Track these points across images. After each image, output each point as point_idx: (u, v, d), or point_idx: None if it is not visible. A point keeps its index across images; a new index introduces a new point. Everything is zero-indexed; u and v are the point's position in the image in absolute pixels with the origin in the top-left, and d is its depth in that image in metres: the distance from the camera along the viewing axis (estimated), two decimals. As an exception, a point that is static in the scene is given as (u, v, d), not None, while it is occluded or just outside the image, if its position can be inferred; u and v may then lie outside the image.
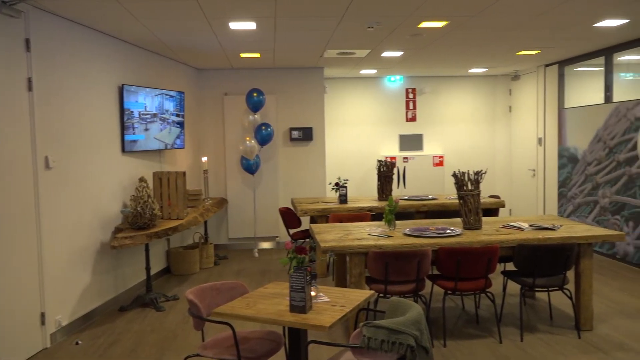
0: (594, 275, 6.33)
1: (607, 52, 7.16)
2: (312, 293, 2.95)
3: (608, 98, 7.25)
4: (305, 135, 8.37)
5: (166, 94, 6.60)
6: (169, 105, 6.67)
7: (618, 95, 7.15)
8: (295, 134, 8.36)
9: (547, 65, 8.67)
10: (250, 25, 5.25)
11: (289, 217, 6.72)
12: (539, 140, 8.96)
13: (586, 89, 8.34)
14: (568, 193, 8.00)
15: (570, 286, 5.48)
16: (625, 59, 7.59)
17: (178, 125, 6.93)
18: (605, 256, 7.16)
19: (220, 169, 8.37)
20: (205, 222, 7.64)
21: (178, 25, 5.18)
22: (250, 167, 7.92)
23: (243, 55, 7.04)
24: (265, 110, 8.17)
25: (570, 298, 4.47)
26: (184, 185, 6.00)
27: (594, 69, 7.85)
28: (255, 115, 7.96)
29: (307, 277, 2.78)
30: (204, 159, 7.72)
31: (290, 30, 5.57)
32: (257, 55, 7.06)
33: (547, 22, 5.39)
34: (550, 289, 4.40)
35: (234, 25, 5.23)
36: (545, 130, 8.77)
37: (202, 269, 7.10)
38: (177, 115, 6.91)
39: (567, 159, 8.01)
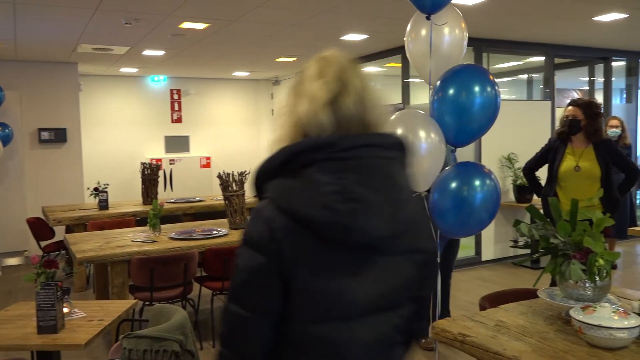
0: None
1: (352, 63, 8.01)
2: (65, 310, 2.69)
3: (355, 104, 8.12)
4: (58, 136, 7.59)
5: None
6: None
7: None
8: (45, 135, 7.51)
9: (303, 72, 9.34)
10: (-18, 10, 4.56)
11: (39, 227, 6.01)
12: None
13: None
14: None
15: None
16: (367, 70, 8.60)
17: None
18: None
19: (-52, 176, 7.07)
20: None
21: None
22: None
23: (-26, 43, 6.07)
24: (6, 108, 7.15)
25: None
26: None
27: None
28: (-9, 114, 6.91)
29: (58, 293, 2.52)
30: None
31: (35, 18, 4.98)
32: (-7, 44, 6.16)
33: (299, 32, 5.80)
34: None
35: (-40, 8, 4.48)
36: (303, 133, 9.45)
37: None
38: None
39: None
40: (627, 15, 5.40)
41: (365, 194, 1.12)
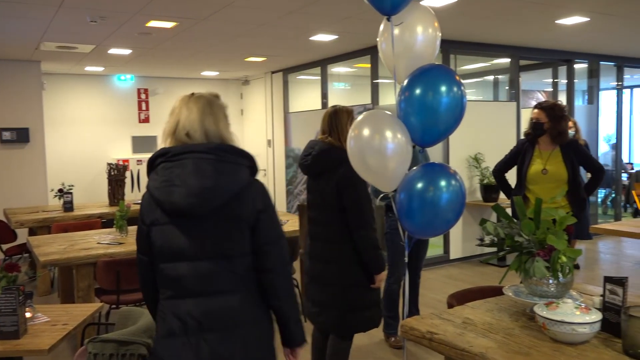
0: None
1: (322, 63, 8.03)
2: (28, 314, 2.62)
3: (324, 104, 8.14)
4: (20, 136, 7.38)
5: None
6: None
7: (332, 102, 8.07)
8: (6, 135, 7.31)
9: (273, 72, 9.32)
10: (-61, 5, 4.40)
11: (1, 230, 5.84)
12: (269, 142, 9.59)
13: (307, 96, 9.24)
14: (294, 190, 8.74)
15: (297, 275, 5.99)
16: (337, 70, 8.63)
17: None
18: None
19: None
20: None
21: None
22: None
23: None
24: (-34, 107, 6.94)
25: (297, 286, 4.89)
26: None
27: (313, 77, 8.74)
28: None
29: (20, 298, 2.46)
30: None
31: (-5, 15, 4.84)
32: (-49, 41, 5.96)
33: (269, 32, 5.78)
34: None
35: None
36: (273, 133, 9.42)
37: None
38: None
39: (292, 159, 8.73)
40: (589, 19, 5.55)
41: (184, 181, 1.76)
